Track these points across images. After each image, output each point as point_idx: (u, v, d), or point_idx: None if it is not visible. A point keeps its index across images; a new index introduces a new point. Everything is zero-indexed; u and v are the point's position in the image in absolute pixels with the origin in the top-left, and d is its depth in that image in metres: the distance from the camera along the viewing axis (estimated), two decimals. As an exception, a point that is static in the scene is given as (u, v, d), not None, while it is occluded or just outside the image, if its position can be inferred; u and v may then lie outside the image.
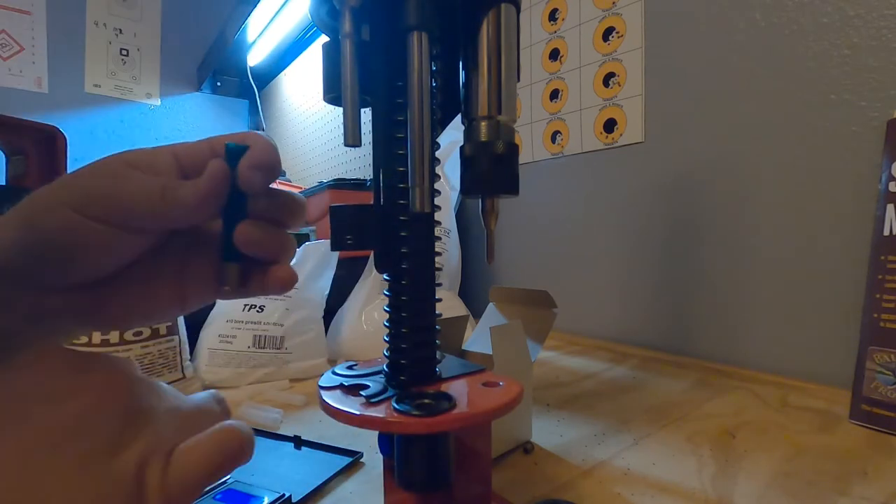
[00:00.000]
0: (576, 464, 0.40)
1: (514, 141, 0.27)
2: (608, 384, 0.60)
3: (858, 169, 0.55)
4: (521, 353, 0.42)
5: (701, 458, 0.40)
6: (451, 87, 0.29)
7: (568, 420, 0.49)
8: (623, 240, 0.81)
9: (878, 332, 0.46)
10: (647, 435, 0.45)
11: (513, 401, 0.25)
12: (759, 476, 0.37)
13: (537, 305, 0.48)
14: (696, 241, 0.71)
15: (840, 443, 0.43)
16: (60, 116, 1.82)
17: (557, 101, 0.90)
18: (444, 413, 0.23)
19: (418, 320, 0.27)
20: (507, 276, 1.03)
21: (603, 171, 0.83)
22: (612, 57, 0.80)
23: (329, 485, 0.37)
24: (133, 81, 2.00)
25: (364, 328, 0.73)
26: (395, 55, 0.25)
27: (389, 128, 0.26)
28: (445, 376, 0.28)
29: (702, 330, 0.71)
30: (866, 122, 0.54)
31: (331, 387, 0.27)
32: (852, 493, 0.34)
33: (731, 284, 0.67)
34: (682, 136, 0.72)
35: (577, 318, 0.88)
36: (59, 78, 1.84)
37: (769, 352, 0.63)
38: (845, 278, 0.56)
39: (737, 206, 0.66)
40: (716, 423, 0.47)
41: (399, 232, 0.26)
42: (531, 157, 0.95)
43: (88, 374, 0.19)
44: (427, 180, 0.24)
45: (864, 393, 0.46)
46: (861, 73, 0.55)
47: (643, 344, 0.77)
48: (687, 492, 0.35)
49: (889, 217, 0.46)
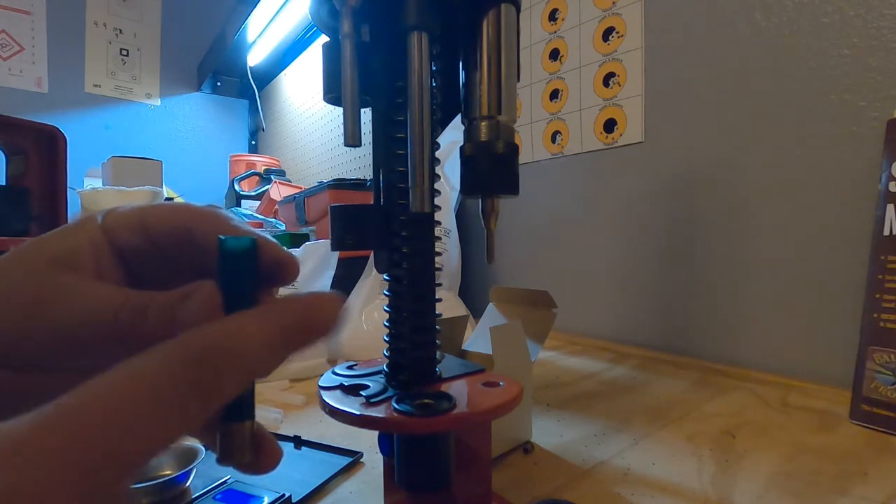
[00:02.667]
0: (576, 464, 0.40)
1: (514, 141, 0.27)
2: (608, 384, 0.60)
3: (858, 169, 0.55)
4: (521, 353, 0.42)
5: (701, 458, 0.40)
6: (451, 87, 0.29)
7: (568, 420, 0.49)
8: (623, 240, 0.81)
9: (878, 331, 0.46)
10: (647, 435, 0.45)
11: (513, 401, 0.25)
12: (759, 476, 0.37)
13: (537, 305, 0.48)
14: (696, 241, 0.71)
15: (840, 443, 0.43)
16: (60, 116, 1.83)
17: (557, 101, 0.90)
18: (444, 413, 0.23)
19: (418, 320, 0.27)
20: (507, 276, 1.03)
21: (603, 171, 0.83)
22: (612, 57, 0.80)
23: (329, 485, 0.37)
24: (133, 81, 2.01)
25: (364, 328, 0.73)
26: (394, 55, 0.25)
27: (389, 128, 0.26)
28: (445, 376, 0.28)
29: (702, 330, 0.71)
30: (866, 122, 0.54)
31: (331, 387, 0.27)
32: (852, 493, 0.34)
33: (731, 284, 0.67)
34: (682, 136, 0.72)
35: (577, 318, 0.88)
36: (59, 78, 1.84)
37: (769, 352, 0.63)
38: (845, 278, 0.56)
39: (737, 206, 0.66)
40: (716, 423, 0.47)
41: (399, 232, 0.26)
42: (531, 157, 0.95)
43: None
44: (427, 180, 0.24)
45: (865, 393, 0.46)
46: (861, 73, 0.55)
47: (643, 344, 0.77)
48: (687, 492, 0.35)
49: (889, 217, 0.46)
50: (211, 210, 0.18)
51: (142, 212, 0.18)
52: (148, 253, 0.18)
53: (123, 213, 0.18)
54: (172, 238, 0.18)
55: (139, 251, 0.18)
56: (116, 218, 0.18)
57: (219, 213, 0.18)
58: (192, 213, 0.18)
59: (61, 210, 1.02)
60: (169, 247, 0.18)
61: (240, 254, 0.16)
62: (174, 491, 0.34)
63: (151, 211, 0.18)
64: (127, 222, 0.18)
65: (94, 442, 0.12)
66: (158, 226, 0.18)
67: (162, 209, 0.18)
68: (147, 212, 0.18)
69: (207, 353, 0.14)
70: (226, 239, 0.16)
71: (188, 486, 0.35)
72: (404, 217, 0.26)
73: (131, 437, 0.12)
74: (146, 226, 0.18)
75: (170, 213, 0.18)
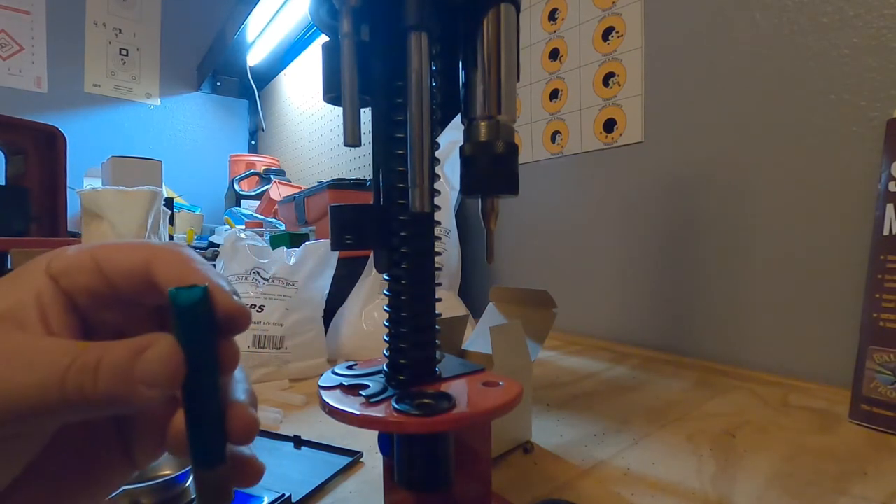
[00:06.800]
0: (576, 464, 0.40)
1: (513, 141, 0.27)
2: (608, 384, 0.60)
3: (858, 169, 0.55)
4: (520, 353, 0.42)
5: (701, 458, 0.40)
6: (450, 87, 0.29)
7: (568, 420, 0.49)
8: (623, 239, 0.81)
9: (878, 331, 0.46)
10: (647, 435, 0.45)
11: (512, 400, 0.25)
12: (758, 476, 0.37)
13: (537, 305, 0.48)
14: (696, 241, 0.71)
15: (840, 442, 0.43)
16: (60, 116, 1.83)
17: (557, 100, 0.90)
18: (443, 413, 0.23)
19: (418, 320, 0.27)
20: (506, 276, 1.03)
21: (603, 170, 0.83)
22: (612, 57, 0.80)
23: (329, 484, 0.37)
24: (133, 81, 2.01)
25: (364, 328, 0.73)
26: (394, 55, 0.25)
27: (389, 127, 0.26)
28: (445, 376, 0.28)
29: (702, 330, 0.71)
30: (866, 122, 0.54)
31: (331, 387, 0.27)
32: (852, 493, 0.34)
33: (731, 284, 0.67)
34: (681, 136, 0.72)
35: (577, 318, 0.88)
36: (58, 78, 1.84)
37: (769, 352, 0.63)
38: (845, 278, 0.56)
39: (736, 206, 0.66)
40: (716, 423, 0.47)
41: (399, 232, 0.26)
42: (531, 156, 0.95)
43: None
44: (427, 180, 0.24)
45: (864, 393, 0.46)
46: (861, 73, 0.55)
47: (643, 344, 0.77)
48: (687, 492, 0.35)
49: (889, 217, 0.46)
50: (172, 249, 0.17)
51: (93, 252, 0.17)
52: (104, 296, 0.17)
53: (74, 255, 0.17)
54: (130, 279, 0.17)
55: (94, 294, 0.17)
56: (67, 260, 0.17)
57: (180, 251, 0.17)
58: (151, 252, 0.17)
59: (61, 210, 1.02)
60: (126, 288, 0.17)
61: (192, 305, 0.15)
62: (174, 491, 0.34)
63: (106, 251, 0.17)
64: (79, 264, 0.17)
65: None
66: (115, 266, 0.17)
67: (118, 249, 0.17)
68: (101, 252, 0.17)
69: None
70: (177, 291, 0.15)
71: (188, 486, 0.35)
72: (404, 217, 0.26)
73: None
74: (101, 267, 0.17)
75: (127, 253, 0.17)
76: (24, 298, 0.16)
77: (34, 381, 0.14)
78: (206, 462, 0.16)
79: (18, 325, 0.15)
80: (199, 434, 0.16)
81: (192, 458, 0.16)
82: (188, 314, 0.15)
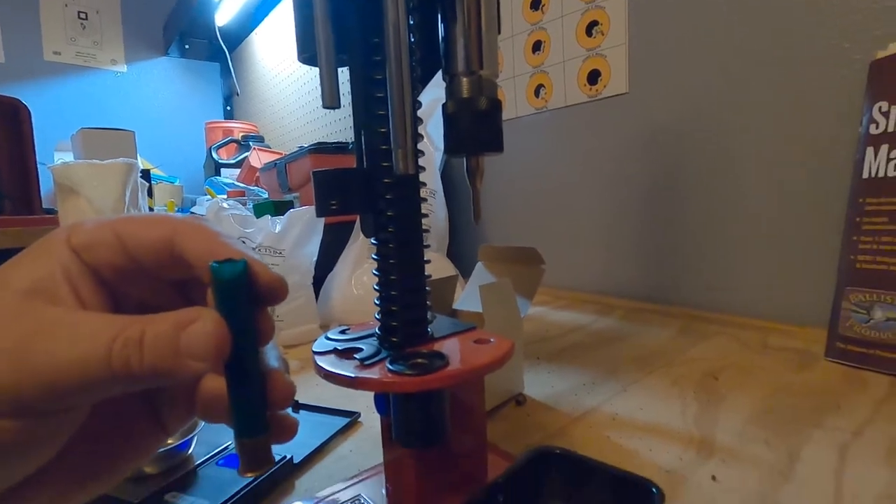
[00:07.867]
0: (566, 412, 0.41)
1: (496, 96, 0.26)
2: (596, 335, 0.62)
3: (840, 111, 0.55)
4: (510, 310, 0.42)
5: (685, 401, 0.42)
6: (430, 42, 0.28)
7: (558, 372, 0.50)
8: (608, 192, 0.81)
9: (855, 272, 0.47)
10: (635, 382, 0.47)
11: (503, 356, 0.25)
12: (739, 414, 0.39)
13: (526, 262, 0.48)
14: (679, 191, 0.71)
15: (816, 379, 0.45)
16: (21, 87, 1.74)
17: (540, 52, 0.87)
18: (437, 371, 0.23)
19: (408, 282, 0.27)
20: (494, 235, 1.03)
21: (587, 124, 0.82)
22: (595, 4, 0.77)
23: (329, 445, 0.38)
24: (95, 47, 1.90)
25: (355, 292, 0.73)
26: (370, 10, 0.24)
27: (368, 87, 0.26)
28: (437, 336, 0.28)
29: (685, 278, 0.72)
30: (849, 64, 0.54)
31: (325, 351, 0.27)
32: (826, 425, 0.36)
33: (713, 232, 0.68)
34: (666, 86, 0.71)
35: (564, 273, 0.89)
36: (15, 46, 1.74)
37: (750, 296, 0.65)
38: (825, 223, 0.57)
39: (719, 154, 0.66)
40: (699, 367, 0.49)
41: (384, 195, 0.26)
42: (514, 112, 0.93)
43: None
44: (410, 140, 0.24)
45: (840, 331, 0.48)
46: (845, 15, 0.54)
47: (628, 295, 0.79)
48: (672, 431, 0.37)
49: (868, 160, 0.47)
50: (194, 222, 0.17)
51: (114, 226, 0.17)
52: (127, 270, 0.17)
53: (95, 229, 0.17)
54: (155, 254, 0.17)
55: (118, 269, 0.17)
56: (89, 234, 0.16)
57: (203, 226, 0.17)
58: (173, 226, 0.17)
59: (33, 186, 0.99)
60: (150, 263, 0.17)
61: (235, 279, 0.16)
62: (178, 458, 0.35)
63: (128, 225, 0.17)
64: (102, 238, 0.16)
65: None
66: (139, 241, 0.17)
67: (139, 222, 0.17)
68: (123, 227, 0.17)
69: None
70: (219, 266, 0.15)
71: (191, 453, 0.36)
72: (389, 179, 0.26)
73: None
74: (124, 242, 0.17)
75: (150, 228, 0.17)
76: (53, 271, 0.15)
77: (77, 356, 0.14)
78: (250, 431, 0.17)
79: (51, 299, 0.15)
80: (244, 405, 0.16)
81: (236, 427, 0.16)
82: (231, 288, 0.16)
